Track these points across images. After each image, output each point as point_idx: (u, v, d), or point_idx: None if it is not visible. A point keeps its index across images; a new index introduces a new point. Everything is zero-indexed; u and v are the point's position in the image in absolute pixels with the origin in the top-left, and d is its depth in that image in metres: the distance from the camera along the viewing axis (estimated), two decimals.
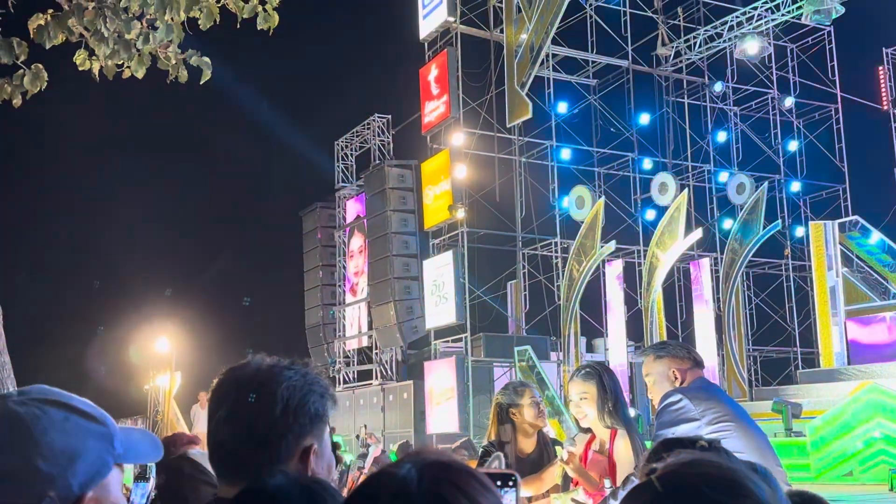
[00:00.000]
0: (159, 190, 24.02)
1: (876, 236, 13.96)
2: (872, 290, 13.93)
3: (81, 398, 1.21)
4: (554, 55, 16.07)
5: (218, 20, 5.01)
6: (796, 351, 16.84)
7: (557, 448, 4.17)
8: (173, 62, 5.02)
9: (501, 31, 15.60)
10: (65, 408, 1.16)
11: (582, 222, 14.56)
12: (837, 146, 17.21)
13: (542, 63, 15.24)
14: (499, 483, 1.19)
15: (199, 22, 4.99)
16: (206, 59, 5.07)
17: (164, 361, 15.34)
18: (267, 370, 1.55)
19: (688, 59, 17.02)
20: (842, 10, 14.59)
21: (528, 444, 4.04)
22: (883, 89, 17.00)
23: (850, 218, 14.53)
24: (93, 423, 1.15)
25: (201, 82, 5.07)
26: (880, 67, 16.94)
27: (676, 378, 3.59)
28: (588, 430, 3.95)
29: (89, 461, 1.12)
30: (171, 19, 4.78)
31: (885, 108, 16.82)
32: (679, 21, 17.13)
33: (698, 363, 3.69)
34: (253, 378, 1.57)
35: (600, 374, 3.88)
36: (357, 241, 19.98)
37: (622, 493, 3.69)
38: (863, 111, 17.13)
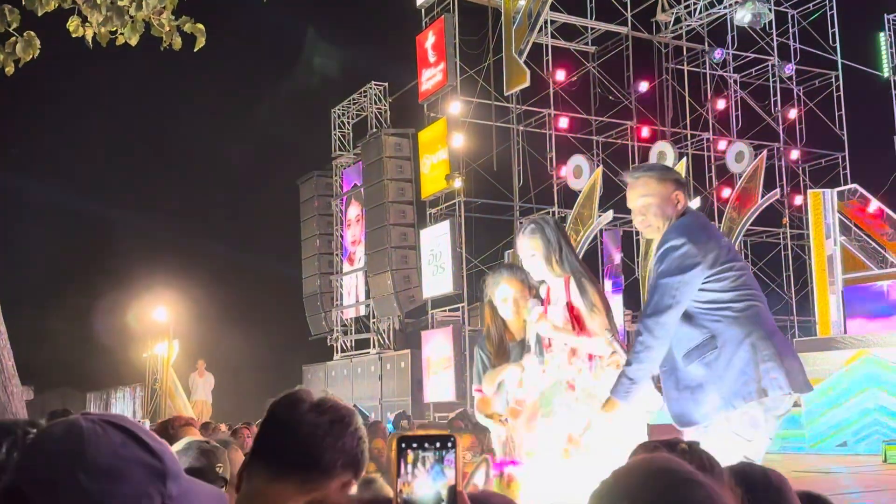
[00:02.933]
0: (158, 159, 23.96)
1: (875, 205, 13.98)
2: (870, 258, 13.98)
3: (153, 435, 1.27)
4: (552, 22, 15.97)
5: None
6: (793, 319, 16.90)
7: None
8: (167, 29, 5.00)
9: None
10: (126, 433, 1.21)
11: (580, 192, 14.55)
12: (837, 114, 17.17)
13: (541, 30, 15.16)
14: (437, 445, 1.22)
15: None
16: (201, 27, 5.06)
17: (162, 330, 15.40)
18: None
19: (688, 25, 16.94)
20: None
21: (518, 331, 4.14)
22: (884, 56, 16.95)
23: (850, 186, 14.54)
24: (147, 455, 1.19)
25: (195, 49, 5.05)
26: (881, 34, 16.89)
27: (679, 202, 3.54)
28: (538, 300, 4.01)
29: (131, 488, 1.16)
30: None
31: (886, 75, 16.79)
32: None
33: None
34: None
35: (543, 228, 3.91)
36: (354, 210, 19.99)
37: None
38: (863, 78, 17.10)
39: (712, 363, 3.35)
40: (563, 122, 15.98)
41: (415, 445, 1.22)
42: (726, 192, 16.47)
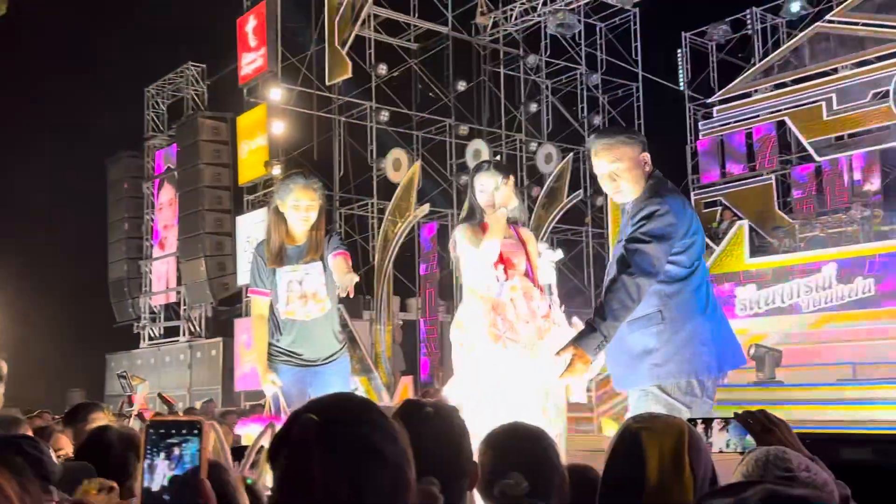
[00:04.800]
0: None
1: None
2: None
3: None
4: (376, 16, 16.00)
5: None
6: (590, 313, 17.79)
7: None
8: None
9: None
10: None
11: (398, 184, 14.72)
12: (637, 122, 18.12)
13: (364, 23, 15.18)
14: (184, 431, 1.25)
15: None
16: None
17: None
18: None
19: (505, 30, 17.42)
20: None
21: None
22: (681, 70, 18.07)
23: None
24: None
25: None
26: (679, 50, 17.97)
27: (646, 164, 3.52)
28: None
29: None
30: None
31: (682, 88, 17.93)
32: None
33: None
34: None
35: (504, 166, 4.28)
36: (167, 194, 19.28)
37: None
38: (662, 90, 18.13)
39: (655, 335, 3.38)
40: (385, 116, 16.09)
41: (162, 431, 1.25)
42: (535, 191, 17.09)
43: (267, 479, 1.89)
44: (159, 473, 1.23)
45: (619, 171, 3.48)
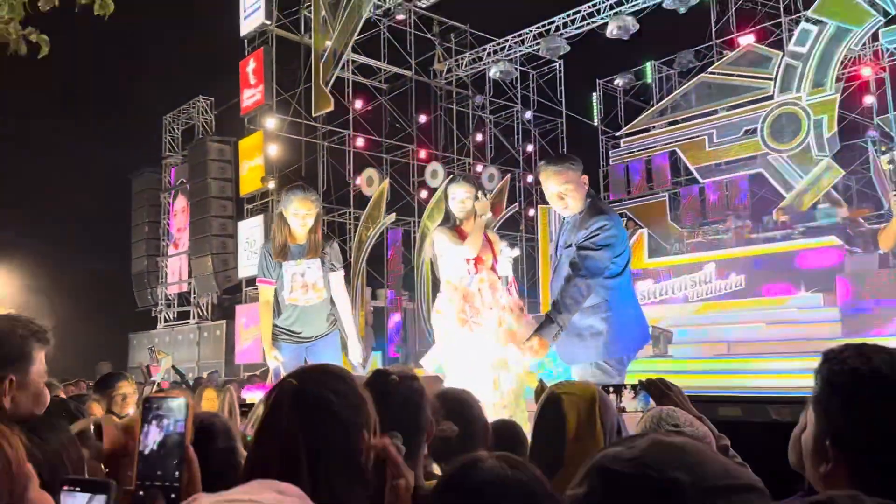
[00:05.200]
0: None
1: None
2: None
3: None
4: (353, 61, 15.95)
5: (57, 4, 4.61)
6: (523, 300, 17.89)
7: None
8: (14, 37, 4.56)
9: (310, 37, 15.26)
10: None
11: (371, 197, 14.66)
12: (560, 150, 18.27)
13: (343, 67, 15.10)
14: (174, 405, 1.21)
15: (39, 4, 4.58)
16: (45, 37, 4.65)
17: None
18: None
19: (457, 75, 17.46)
20: (568, 48, 15.59)
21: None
22: (595, 109, 18.26)
23: None
24: None
25: (39, 57, 4.65)
26: (593, 93, 18.17)
27: (585, 184, 3.52)
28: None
29: None
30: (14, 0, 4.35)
31: (596, 124, 18.10)
32: (452, 44, 17.50)
33: None
34: None
35: (473, 179, 4.19)
36: (181, 203, 18.98)
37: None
38: (580, 125, 18.30)
39: (601, 321, 3.41)
40: (360, 142, 16.04)
41: (155, 406, 1.22)
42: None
43: None
44: (151, 440, 1.20)
45: (566, 192, 3.49)
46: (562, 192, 3.50)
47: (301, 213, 4.23)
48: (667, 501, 0.71)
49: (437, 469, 1.96)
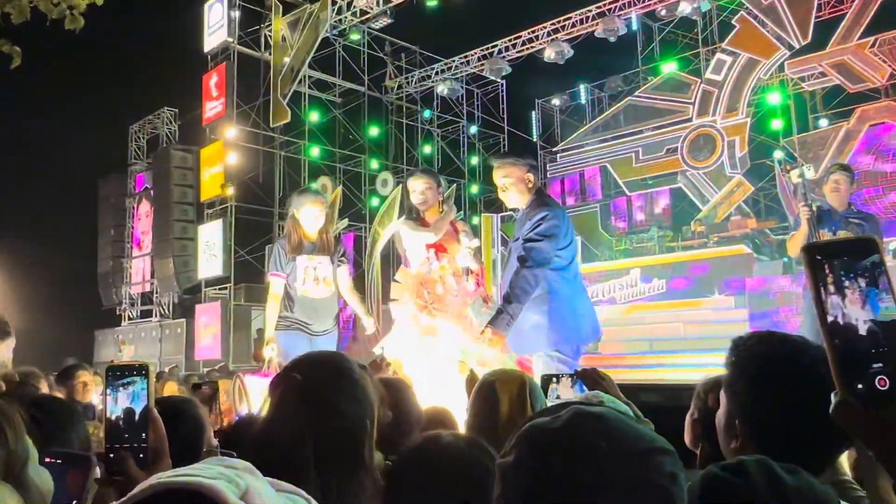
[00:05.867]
0: None
1: None
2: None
3: None
4: (309, 76, 15.77)
5: (29, 18, 4.43)
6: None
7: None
8: None
9: (270, 54, 15.07)
10: None
11: None
12: None
13: (300, 82, 14.95)
14: (135, 372, 1.19)
15: (12, 17, 4.39)
16: (17, 49, 4.48)
17: None
18: None
19: (407, 91, 17.45)
20: (509, 69, 15.73)
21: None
22: (534, 126, 18.43)
23: (507, 212, 15.61)
24: None
25: (11, 67, 4.47)
26: (533, 111, 18.33)
27: (530, 182, 3.43)
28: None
29: None
30: None
31: (535, 140, 18.28)
32: (402, 63, 17.48)
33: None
34: None
35: (434, 173, 4.06)
36: (145, 207, 18.50)
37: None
38: (520, 140, 18.43)
39: (545, 313, 3.33)
40: (315, 151, 15.86)
41: (118, 373, 1.19)
42: None
43: None
44: (118, 406, 1.17)
45: (506, 185, 3.48)
46: (503, 185, 3.51)
47: (315, 212, 4.27)
48: (588, 465, 0.73)
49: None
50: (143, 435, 1.16)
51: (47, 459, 1.16)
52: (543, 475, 0.74)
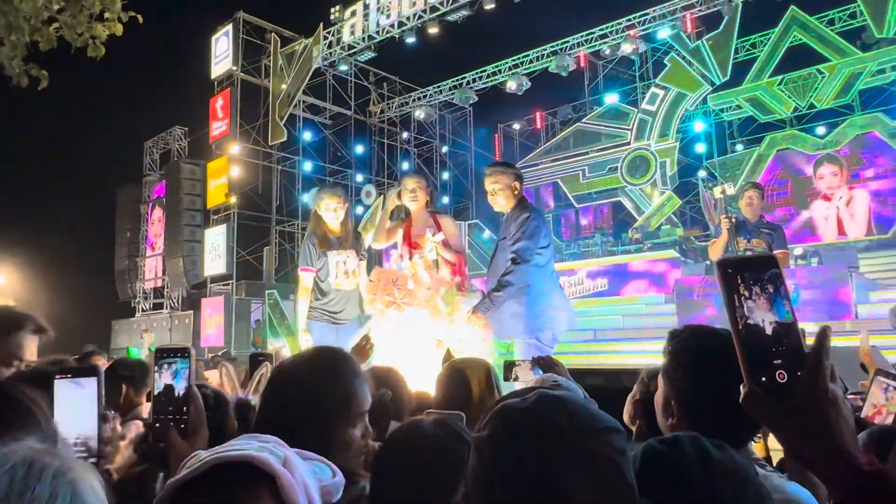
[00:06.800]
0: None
1: (486, 233, 15.20)
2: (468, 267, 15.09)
3: None
4: (304, 101, 15.69)
5: (56, 45, 4.35)
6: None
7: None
8: (17, 71, 4.30)
9: (269, 81, 14.95)
10: None
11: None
12: (470, 178, 18.46)
13: (296, 105, 14.87)
14: (180, 355, 1.17)
15: (40, 45, 4.32)
16: (45, 73, 4.39)
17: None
18: None
19: (388, 115, 17.43)
20: (476, 98, 15.80)
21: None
22: (496, 147, 18.48)
23: (474, 221, 15.72)
24: None
25: (39, 89, 4.39)
26: (496, 134, 18.40)
27: (516, 189, 3.38)
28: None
29: None
30: (17, 40, 4.09)
31: (497, 159, 18.29)
32: (384, 91, 17.47)
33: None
34: None
35: (425, 175, 3.92)
36: (157, 213, 18.20)
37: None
38: (485, 159, 18.39)
39: (525, 303, 3.29)
40: (308, 166, 15.77)
41: (164, 354, 1.20)
42: None
43: None
44: (161, 383, 1.17)
45: (494, 190, 3.47)
46: (492, 190, 3.50)
47: (332, 205, 3.96)
48: (551, 438, 0.73)
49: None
50: (185, 409, 1.16)
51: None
52: (513, 448, 0.74)
